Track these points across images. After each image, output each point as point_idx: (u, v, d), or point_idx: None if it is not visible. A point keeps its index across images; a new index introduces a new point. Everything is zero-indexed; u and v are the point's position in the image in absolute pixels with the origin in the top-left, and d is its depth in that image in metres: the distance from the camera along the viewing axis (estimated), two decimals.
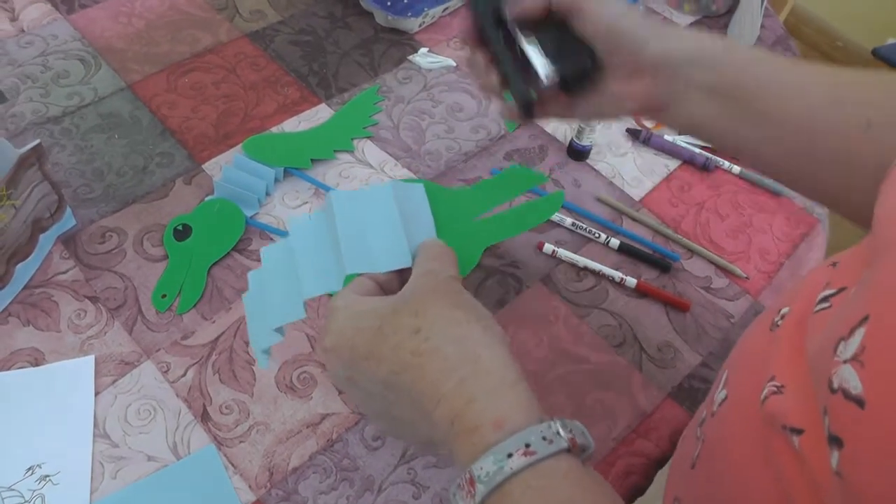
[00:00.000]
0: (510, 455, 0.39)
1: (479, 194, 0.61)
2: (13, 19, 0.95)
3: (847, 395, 0.32)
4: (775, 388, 0.41)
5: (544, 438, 0.40)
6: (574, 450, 0.40)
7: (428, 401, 0.43)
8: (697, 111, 0.57)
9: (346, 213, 0.55)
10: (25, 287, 0.71)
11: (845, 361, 0.33)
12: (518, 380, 0.43)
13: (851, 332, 0.33)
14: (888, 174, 0.40)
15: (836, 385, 0.33)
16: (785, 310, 0.46)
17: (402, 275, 0.53)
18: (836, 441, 0.33)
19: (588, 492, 0.39)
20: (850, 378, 0.32)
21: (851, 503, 0.32)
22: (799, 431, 0.38)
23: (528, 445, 0.39)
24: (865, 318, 0.32)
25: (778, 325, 0.46)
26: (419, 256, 0.52)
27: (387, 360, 0.44)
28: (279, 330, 0.55)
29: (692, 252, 0.82)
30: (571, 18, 0.57)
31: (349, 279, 0.52)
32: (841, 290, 0.40)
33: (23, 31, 0.94)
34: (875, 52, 2.13)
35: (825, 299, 0.41)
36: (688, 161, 0.90)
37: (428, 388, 0.43)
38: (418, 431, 0.46)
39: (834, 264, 0.45)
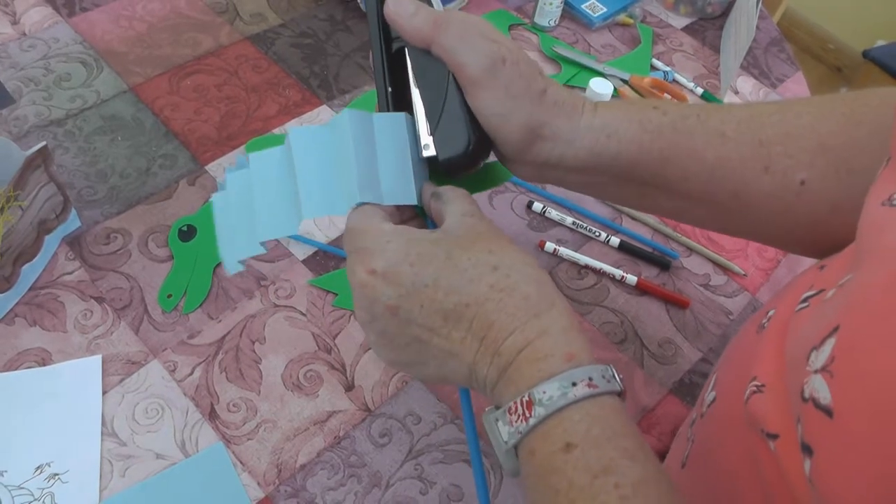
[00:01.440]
0: (574, 384, 0.41)
1: None
2: (14, 23, 0.95)
3: (817, 404, 0.33)
4: (756, 388, 0.42)
5: (604, 377, 0.42)
6: (623, 395, 0.43)
7: (498, 331, 0.43)
8: (600, 193, 0.58)
9: (359, 134, 0.50)
10: (31, 288, 0.72)
11: (816, 371, 0.34)
12: (581, 329, 0.45)
13: (823, 341, 0.34)
14: (872, 186, 0.40)
15: (807, 394, 0.34)
16: (772, 311, 0.47)
17: (402, 212, 0.52)
18: (807, 449, 0.34)
19: (635, 430, 0.41)
20: (820, 388, 0.33)
21: None
22: (775, 436, 0.39)
23: (591, 379, 0.41)
24: (836, 329, 0.33)
25: (764, 327, 0.47)
26: (452, 195, 0.50)
27: (457, 290, 0.44)
28: (263, 244, 0.52)
29: (691, 250, 0.83)
30: (462, 84, 0.51)
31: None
32: (820, 291, 0.41)
33: (24, 34, 0.94)
34: (865, 55, 2.15)
35: (805, 300, 0.42)
36: None
37: (501, 320, 0.44)
38: (447, 365, 0.46)
39: (822, 267, 0.46)
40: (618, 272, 0.78)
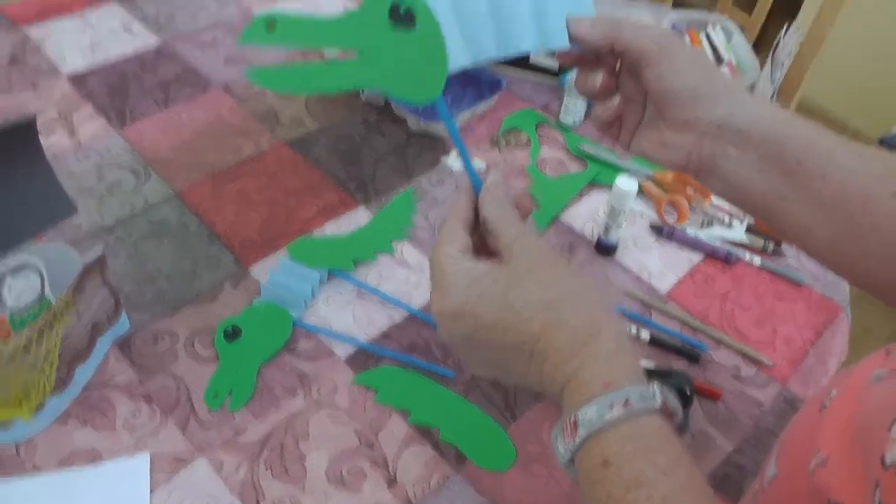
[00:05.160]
0: (611, 406, 0.46)
1: None
2: (72, 135, 1.01)
3: None
4: (820, 461, 0.44)
5: (642, 397, 0.46)
6: (664, 411, 0.47)
7: (553, 362, 0.49)
8: (745, 181, 0.58)
9: None
10: (84, 389, 0.75)
11: None
12: (629, 350, 0.50)
13: None
14: None
15: (888, 461, 0.36)
16: (834, 392, 0.49)
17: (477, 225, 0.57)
18: None
19: (671, 445, 0.46)
20: None
21: None
22: None
23: (627, 400, 0.46)
24: None
25: (826, 406, 0.49)
26: (504, 214, 0.54)
27: (513, 330, 0.50)
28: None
29: (719, 342, 0.85)
30: (640, 69, 0.57)
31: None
32: (894, 370, 0.43)
33: (80, 145, 1.00)
34: (882, 142, 2.19)
35: (878, 378, 0.44)
36: (710, 255, 0.94)
37: (553, 355, 0.49)
38: (528, 381, 0.52)
39: (888, 352, 0.48)
40: (650, 364, 0.80)
